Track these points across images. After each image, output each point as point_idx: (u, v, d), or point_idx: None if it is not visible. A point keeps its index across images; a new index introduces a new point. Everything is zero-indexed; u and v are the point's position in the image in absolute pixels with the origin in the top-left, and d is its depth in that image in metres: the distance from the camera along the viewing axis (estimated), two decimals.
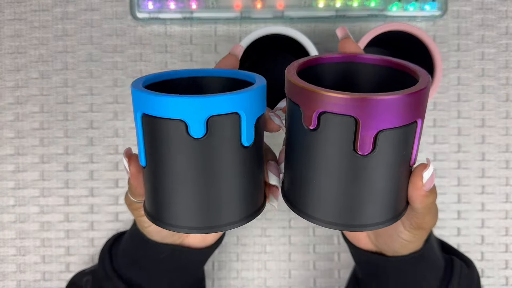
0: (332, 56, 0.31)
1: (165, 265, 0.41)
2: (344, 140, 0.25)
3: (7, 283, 0.57)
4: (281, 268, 0.57)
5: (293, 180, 0.29)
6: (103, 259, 0.44)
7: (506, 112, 0.56)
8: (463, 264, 0.42)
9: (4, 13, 0.56)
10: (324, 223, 0.28)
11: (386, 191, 0.28)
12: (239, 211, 0.29)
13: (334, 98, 0.24)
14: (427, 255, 0.39)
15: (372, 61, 0.31)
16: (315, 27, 0.56)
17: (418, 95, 0.25)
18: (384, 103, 0.24)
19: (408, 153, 0.28)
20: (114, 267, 0.43)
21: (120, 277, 0.42)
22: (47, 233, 0.56)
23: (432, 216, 0.34)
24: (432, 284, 0.40)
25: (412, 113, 0.25)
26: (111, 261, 0.44)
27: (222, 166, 0.27)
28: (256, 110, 0.28)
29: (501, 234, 0.56)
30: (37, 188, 0.56)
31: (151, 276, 0.42)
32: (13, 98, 0.56)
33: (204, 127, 0.26)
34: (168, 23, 0.55)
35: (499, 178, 0.56)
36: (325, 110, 0.25)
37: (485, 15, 0.55)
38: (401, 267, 0.39)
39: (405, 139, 0.26)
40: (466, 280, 0.41)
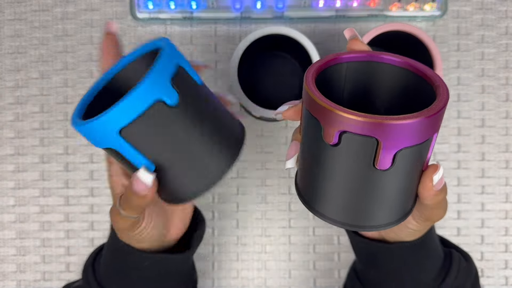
0: (353, 55, 0.31)
1: (149, 273, 0.40)
2: (364, 157, 0.26)
3: (7, 283, 0.57)
4: (281, 268, 0.57)
5: (311, 183, 0.30)
6: (86, 272, 0.44)
7: (506, 112, 0.56)
8: (462, 257, 0.43)
9: (4, 13, 0.56)
10: (338, 223, 0.30)
11: (398, 196, 0.29)
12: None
13: (358, 121, 0.24)
14: (428, 243, 0.40)
15: (392, 62, 0.30)
16: (315, 27, 0.56)
17: (438, 115, 0.25)
18: (403, 127, 0.24)
19: (422, 162, 0.28)
20: (98, 280, 0.43)
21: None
22: (47, 233, 0.56)
23: (442, 209, 0.35)
24: (431, 273, 0.41)
25: (431, 130, 0.26)
26: (94, 274, 0.43)
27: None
28: (166, 75, 0.29)
29: (501, 234, 0.56)
30: (37, 188, 0.56)
31: (135, 286, 0.41)
32: (13, 98, 0.56)
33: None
34: (168, 23, 0.55)
35: (499, 178, 0.56)
36: (347, 130, 0.25)
37: (485, 15, 0.56)
38: (402, 253, 0.39)
39: (421, 153, 0.27)
40: (464, 272, 0.42)
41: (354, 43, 0.32)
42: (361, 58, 0.31)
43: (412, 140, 0.25)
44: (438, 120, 0.26)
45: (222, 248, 0.56)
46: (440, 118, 0.26)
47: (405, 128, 0.24)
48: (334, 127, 0.25)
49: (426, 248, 0.40)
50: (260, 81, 0.55)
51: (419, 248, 0.39)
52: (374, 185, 0.27)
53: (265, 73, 0.55)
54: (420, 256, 0.40)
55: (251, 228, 0.56)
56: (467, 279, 0.42)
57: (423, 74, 0.29)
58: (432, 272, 0.41)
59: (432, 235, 0.40)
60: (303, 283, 0.57)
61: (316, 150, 0.28)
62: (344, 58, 0.30)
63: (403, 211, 0.30)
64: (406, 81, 0.30)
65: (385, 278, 0.41)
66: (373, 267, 0.42)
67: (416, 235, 0.38)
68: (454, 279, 0.40)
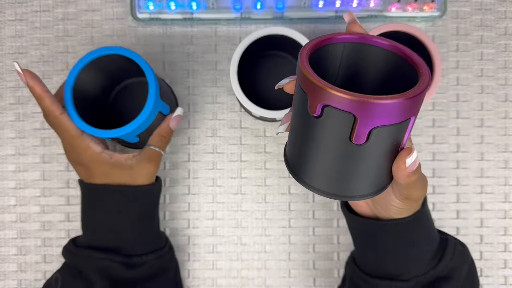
0: (346, 36, 0.33)
1: (118, 205, 0.45)
2: (342, 130, 0.28)
3: (8, 282, 0.57)
4: (281, 268, 0.57)
5: (296, 151, 0.33)
6: (66, 246, 0.47)
7: (505, 112, 0.56)
8: (457, 242, 0.44)
9: (5, 14, 0.56)
10: (318, 192, 0.32)
11: (373, 171, 0.31)
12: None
13: (338, 96, 0.26)
14: (421, 223, 0.41)
15: (381, 45, 0.32)
16: (315, 27, 0.56)
17: (415, 99, 0.27)
18: (381, 106, 0.26)
19: (398, 143, 0.30)
20: (77, 244, 0.46)
21: (86, 247, 0.45)
22: (48, 233, 0.57)
23: (418, 189, 0.36)
24: (427, 254, 0.41)
25: (407, 113, 0.28)
26: (74, 242, 0.47)
27: None
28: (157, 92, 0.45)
29: (500, 234, 0.56)
30: (38, 188, 0.56)
31: (111, 230, 0.45)
32: (14, 98, 0.56)
33: None
34: (169, 24, 0.56)
35: (498, 178, 0.56)
36: (328, 104, 0.27)
37: (484, 16, 0.56)
38: (396, 230, 0.40)
39: (396, 133, 0.29)
40: (460, 255, 0.42)
41: (353, 26, 0.35)
42: (354, 40, 0.33)
43: (386, 120, 0.27)
44: (414, 104, 0.27)
45: (222, 248, 0.57)
46: (416, 103, 0.28)
47: (380, 108, 0.26)
48: (318, 100, 0.27)
49: (420, 227, 0.41)
50: (260, 81, 0.55)
51: (413, 226, 0.40)
52: (351, 158, 0.29)
53: (265, 73, 0.55)
54: (415, 235, 0.41)
55: (251, 228, 0.57)
56: (463, 261, 0.43)
57: (409, 59, 0.30)
58: (428, 252, 0.41)
59: (424, 215, 0.41)
60: (303, 282, 0.57)
61: (302, 121, 0.30)
62: (338, 38, 0.32)
63: (379, 185, 0.32)
64: (394, 64, 0.32)
65: (382, 258, 0.42)
66: (369, 248, 0.43)
67: (403, 213, 0.39)
68: (450, 259, 0.41)
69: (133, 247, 0.46)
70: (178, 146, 0.56)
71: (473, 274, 0.44)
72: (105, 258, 0.44)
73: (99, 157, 0.44)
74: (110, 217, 0.45)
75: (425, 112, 0.56)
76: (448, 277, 0.41)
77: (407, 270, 0.41)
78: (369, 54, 0.33)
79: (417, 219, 0.40)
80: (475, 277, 0.45)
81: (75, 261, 0.45)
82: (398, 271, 0.41)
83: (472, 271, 0.44)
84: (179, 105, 0.56)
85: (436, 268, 0.41)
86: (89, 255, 0.44)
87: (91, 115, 0.48)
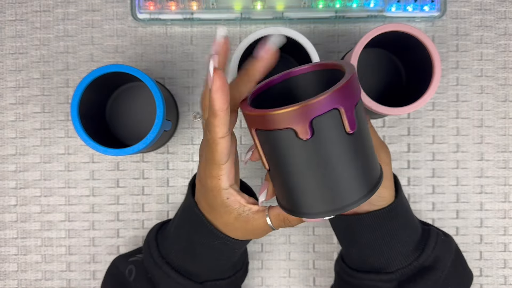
0: (273, 79, 0.35)
1: (216, 251, 0.41)
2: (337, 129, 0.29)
3: (8, 282, 0.57)
4: (280, 267, 0.57)
5: (288, 194, 0.33)
6: (149, 247, 0.45)
7: (504, 112, 0.56)
8: (440, 231, 0.45)
9: (6, 14, 0.56)
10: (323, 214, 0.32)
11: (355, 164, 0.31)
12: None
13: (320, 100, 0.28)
14: (399, 212, 0.41)
15: (304, 70, 0.34)
16: (315, 28, 0.56)
17: (343, 88, 0.28)
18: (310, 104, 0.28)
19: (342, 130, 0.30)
20: (162, 255, 0.44)
21: (168, 263, 0.43)
22: (48, 233, 0.57)
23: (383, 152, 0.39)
24: (408, 245, 0.42)
25: (339, 100, 0.29)
26: (158, 248, 0.44)
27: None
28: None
29: (500, 234, 0.56)
30: (38, 187, 0.56)
31: (201, 260, 0.42)
32: (14, 99, 0.56)
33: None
34: (169, 24, 0.56)
35: (498, 178, 0.56)
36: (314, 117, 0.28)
37: (483, 16, 0.56)
38: (375, 222, 0.41)
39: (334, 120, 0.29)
40: (443, 245, 0.43)
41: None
42: (281, 79, 0.34)
43: (320, 111, 0.28)
44: (341, 94, 0.28)
45: None
46: (345, 93, 0.29)
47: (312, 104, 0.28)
48: (307, 118, 0.28)
49: (397, 217, 0.41)
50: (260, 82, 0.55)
51: (391, 217, 0.41)
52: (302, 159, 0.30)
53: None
54: (393, 226, 0.41)
55: None
56: (446, 251, 0.43)
57: (334, 66, 0.32)
58: (409, 243, 0.42)
59: (400, 206, 0.42)
60: (303, 282, 0.57)
61: (290, 158, 0.30)
62: (268, 83, 0.34)
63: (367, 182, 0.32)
64: (326, 76, 0.34)
65: (365, 252, 0.43)
66: (352, 244, 0.44)
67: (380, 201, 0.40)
68: (433, 249, 0.42)
69: (210, 275, 0.44)
70: (178, 146, 0.57)
71: (459, 263, 0.45)
72: (181, 284, 0.43)
73: (233, 211, 0.38)
74: (202, 249, 0.42)
75: (425, 112, 0.56)
76: (432, 266, 0.41)
77: (390, 263, 0.41)
78: (302, 81, 0.34)
79: (392, 209, 0.41)
80: (461, 266, 0.45)
81: (154, 271, 0.44)
82: (382, 264, 0.42)
83: (457, 260, 0.45)
84: (179, 106, 0.56)
85: (419, 258, 0.41)
86: (169, 274, 0.43)
87: (95, 132, 0.49)
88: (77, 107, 0.46)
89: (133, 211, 0.57)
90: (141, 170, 0.57)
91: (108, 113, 0.55)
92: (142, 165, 0.56)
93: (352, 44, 0.56)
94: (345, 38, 0.56)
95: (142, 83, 0.54)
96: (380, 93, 0.55)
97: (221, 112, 0.32)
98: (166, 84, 0.56)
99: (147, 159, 0.57)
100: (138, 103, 0.55)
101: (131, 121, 0.55)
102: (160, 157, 0.56)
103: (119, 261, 0.49)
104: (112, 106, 0.55)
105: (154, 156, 0.56)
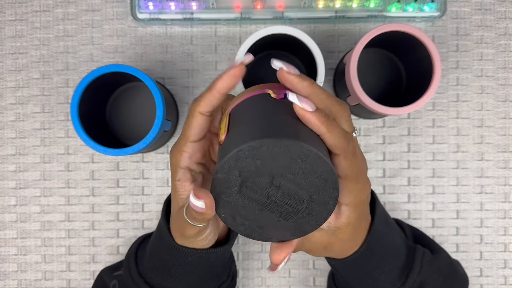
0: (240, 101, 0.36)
1: (192, 267, 0.41)
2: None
3: (8, 282, 0.57)
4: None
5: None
6: (128, 263, 0.44)
7: (505, 112, 0.56)
8: (427, 251, 0.43)
9: (6, 14, 0.56)
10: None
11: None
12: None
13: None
14: (376, 247, 0.39)
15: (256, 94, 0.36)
16: (315, 27, 0.56)
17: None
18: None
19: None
20: (140, 272, 0.43)
21: (146, 282, 0.42)
22: (48, 233, 0.57)
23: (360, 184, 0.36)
24: (392, 273, 0.41)
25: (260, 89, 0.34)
26: (136, 265, 0.44)
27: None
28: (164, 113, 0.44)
29: (500, 234, 0.56)
30: (38, 188, 0.56)
31: (179, 278, 0.41)
32: (14, 99, 0.56)
33: None
34: (169, 24, 0.56)
35: (498, 178, 0.56)
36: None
37: (484, 16, 0.56)
38: (355, 263, 0.40)
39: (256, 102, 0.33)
40: (428, 266, 0.42)
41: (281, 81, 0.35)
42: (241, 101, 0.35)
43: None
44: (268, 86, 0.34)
45: None
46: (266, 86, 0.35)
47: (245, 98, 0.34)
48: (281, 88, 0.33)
49: (377, 252, 0.40)
50: (261, 81, 0.55)
51: (369, 255, 0.39)
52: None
53: (266, 73, 0.55)
54: (375, 261, 0.40)
55: None
56: (433, 272, 0.42)
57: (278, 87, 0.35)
58: (393, 270, 0.41)
59: (376, 240, 0.40)
60: (303, 282, 0.57)
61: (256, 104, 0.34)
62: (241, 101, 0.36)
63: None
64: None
65: (351, 283, 0.43)
66: (339, 275, 0.44)
67: (352, 245, 0.38)
68: (418, 274, 0.41)
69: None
70: None
71: (451, 277, 0.44)
72: None
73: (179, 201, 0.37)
74: (177, 268, 0.41)
75: (425, 112, 0.56)
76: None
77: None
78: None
79: (369, 249, 0.39)
80: (454, 278, 0.45)
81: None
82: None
83: (450, 274, 0.44)
84: (179, 106, 0.56)
85: (405, 284, 0.40)
86: None
87: (95, 132, 0.49)
88: (77, 107, 0.46)
89: (133, 211, 0.57)
90: (141, 170, 0.57)
91: (108, 113, 0.55)
92: (142, 165, 0.56)
93: (352, 44, 0.56)
94: (345, 38, 0.56)
95: (142, 83, 0.54)
96: (380, 93, 0.55)
97: (217, 93, 0.33)
98: (166, 84, 0.56)
99: (147, 159, 0.56)
100: (138, 103, 0.55)
101: (131, 121, 0.55)
102: (160, 157, 0.56)
103: (105, 273, 0.49)
104: (112, 106, 0.55)
105: (154, 156, 0.56)
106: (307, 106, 0.30)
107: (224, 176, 0.29)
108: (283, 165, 0.29)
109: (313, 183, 0.29)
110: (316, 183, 0.29)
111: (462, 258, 0.56)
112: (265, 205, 0.30)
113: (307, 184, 0.29)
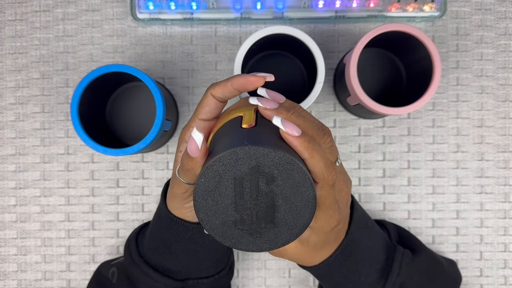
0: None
1: (192, 243, 0.42)
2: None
3: (8, 282, 0.57)
4: (280, 267, 0.57)
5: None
6: (129, 246, 0.45)
7: (505, 112, 0.56)
8: (407, 252, 0.44)
9: (5, 14, 0.56)
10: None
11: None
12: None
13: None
14: (351, 251, 0.40)
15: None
16: (315, 27, 0.56)
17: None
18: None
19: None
20: (141, 253, 0.44)
21: (146, 262, 0.44)
22: (48, 233, 0.57)
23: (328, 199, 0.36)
24: (371, 276, 0.41)
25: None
26: (137, 247, 0.45)
27: None
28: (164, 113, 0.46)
29: (500, 234, 0.56)
30: (38, 188, 0.56)
31: (179, 258, 0.43)
32: (14, 98, 0.56)
33: None
34: (169, 24, 0.56)
35: (498, 178, 0.56)
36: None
37: (484, 16, 0.56)
38: (331, 269, 0.40)
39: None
40: (407, 268, 0.42)
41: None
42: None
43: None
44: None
45: None
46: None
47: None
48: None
49: (353, 257, 0.40)
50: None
51: (344, 259, 0.40)
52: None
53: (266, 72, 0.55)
54: (351, 265, 0.40)
55: None
56: (413, 274, 0.43)
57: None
58: (371, 274, 0.41)
59: (354, 245, 0.40)
60: (303, 282, 0.57)
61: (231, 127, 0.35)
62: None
63: None
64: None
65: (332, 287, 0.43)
66: (321, 282, 0.44)
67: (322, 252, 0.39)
68: (397, 275, 0.41)
69: (191, 273, 0.44)
70: None
71: (436, 277, 0.45)
72: (159, 282, 0.43)
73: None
74: (176, 245, 0.43)
75: (425, 112, 0.56)
76: None
77: None
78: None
79: (344, 253, 0.40)
80: (441, 277, 0.45)
81: (132, 270, 0.44)
82: None
83: (433, 275, 0.44)
84: (179, 106, 0.56)
85: (384, 287, 0.41)
86: (147, 273, 0.43)
87: (95, 132, 0.49)
88: (77, 107, 0.46)
89: (133, 211, 0.57)
90: (141, 170, 0.56)
91: (108, 113, 0.55)
92: (142, 165, 0.56)
93: (352, 44, 0.56)
94: (345, 38, 0.56)
95: (142, 83, 0.54)
96: (380, 93, 0.55)
97: (230, 85, 0.36)
98: (166, 84, 0.56)
99: (147, 159, 0.56)
100: (138, 103, 0.55)
101: (131, 121, 0.55)
102: (160, 157, 0.56)
103: (102, 266, 0.50)
104: (112, 106, 0.55)
105: (154, 156, 0.56)
106: (291, 131, 0.31)
107: (204, 181, 0.29)
108: (265, 173, 0.29)
109: (291, 194, 0.30)
110: (294, 194, 0.30)
111: (462, 258, 0.56)
112: (242, 211, 0.30)
113: (285, 194, 0.30)
